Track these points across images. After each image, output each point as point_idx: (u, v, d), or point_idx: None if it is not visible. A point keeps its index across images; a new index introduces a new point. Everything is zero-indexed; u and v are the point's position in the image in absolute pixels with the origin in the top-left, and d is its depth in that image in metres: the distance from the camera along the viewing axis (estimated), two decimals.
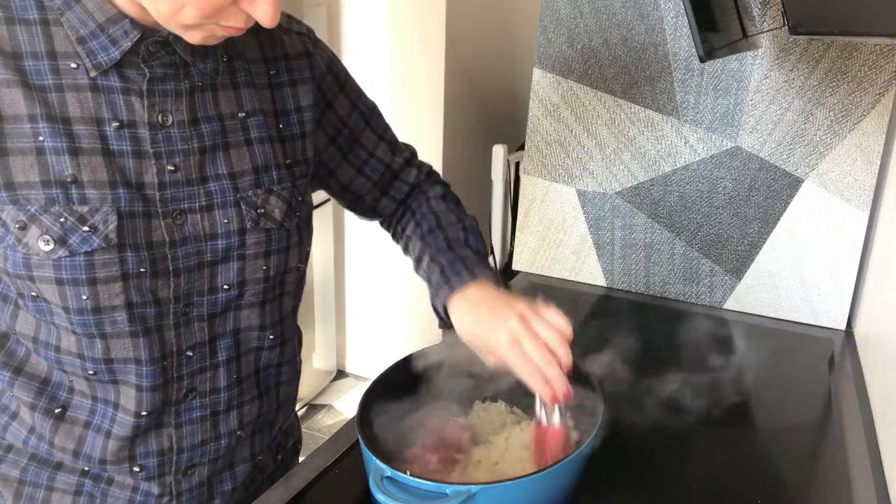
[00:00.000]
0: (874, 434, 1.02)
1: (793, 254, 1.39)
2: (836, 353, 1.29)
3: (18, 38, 0.66)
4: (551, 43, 1.53)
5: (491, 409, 0.95)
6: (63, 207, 0.68)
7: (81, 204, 0.68)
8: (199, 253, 0.75)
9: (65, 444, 0.78)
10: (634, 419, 1.06)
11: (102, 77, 0.69)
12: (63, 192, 0.68)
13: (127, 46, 0.68)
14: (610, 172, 1.52)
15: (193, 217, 0.75)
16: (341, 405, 2.77)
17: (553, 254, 1.60)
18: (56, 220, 0.68)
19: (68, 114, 0.68)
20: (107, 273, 0.70)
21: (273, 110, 0.82)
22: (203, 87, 0.75)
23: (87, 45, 0.68)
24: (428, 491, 0.68)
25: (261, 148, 0.80)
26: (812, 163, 1.34)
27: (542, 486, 0.72)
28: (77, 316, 0.71)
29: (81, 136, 0.68)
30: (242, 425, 0.85)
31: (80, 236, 0.68)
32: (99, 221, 0.69)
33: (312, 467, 0.91)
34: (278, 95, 0.83)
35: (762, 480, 0.92)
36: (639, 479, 0.92)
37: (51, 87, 0.67)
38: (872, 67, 1.28)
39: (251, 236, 0.79)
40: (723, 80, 1.39)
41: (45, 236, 0.67)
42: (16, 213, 0.67)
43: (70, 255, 0.68)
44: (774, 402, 1.15)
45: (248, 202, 0.78)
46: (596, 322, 1.46)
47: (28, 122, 0.66)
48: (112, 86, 0.70)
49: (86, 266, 0.69)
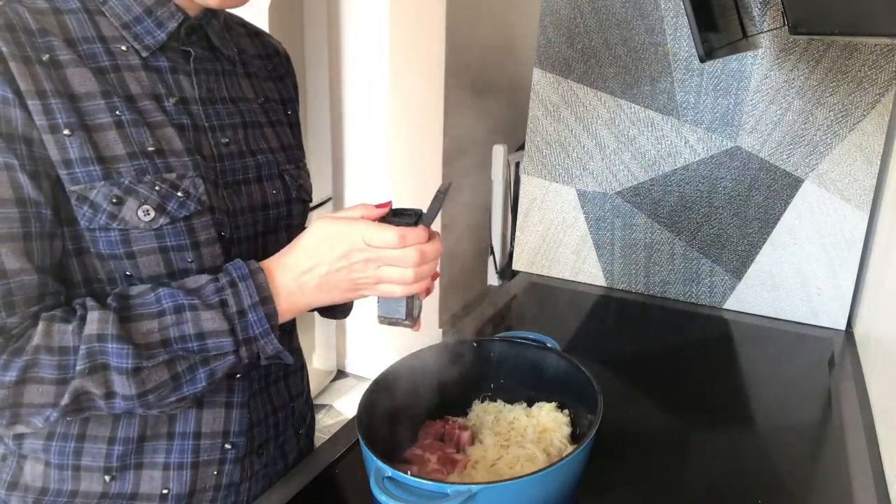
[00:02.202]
0: (874, 434, 1.02)
1: (793, 254, 1.39)
2: (836, 353, 1.29)
3: (68, 26, 0.68)
4: (551, 43, 1.53)
5: (490, 408, 0.95)
6: (154, 176, 0.69)
7: (168, 172, 0.70)
8: (255, 223, 0.79)
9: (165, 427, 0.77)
10: (634, 419, 1.06)
11: (152, 58, 0.72)
12: (150, 162, 0.69)
13: (173, 28, 0.72)
14: (610, 172, 1.52)
15: (248, 188, 0.79)
16: (341, 405, 2.77)
17: (553, 254, 1.60)
18: (152, 189, 0.69)
19: (130, 91, 0.70)
20: (207, 235, 0.72)
21: (280, 98, 0.90)
22: (230, 72, 0.81)
23: (132, 30, 0.71)
24: (429, 491, 0.68)
25: (281, 129, 0.87)
26: (812, 163, 1.34)
27: (542, 485, 0.72)
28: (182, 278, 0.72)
29: (149, 111, 0.71)
30: (292, 396, 0.89)
31: (176, 202, 0.70)
32: (189, 186, 0.71)
33: (312, 467, 0.91)
34: (280, 86, 0.91)
35: (762, 480, 0.92)
36: (639, 479, 0.92)
37: (108, 69, 0.69)
38: (872, 67, 1.28)
39: (295, 207, 0.84)
40: (723, 80, 1.39)
41: (144, 206, 0.68)
42: (109, 188, 0.67)
43: (171, 221, 0.70)
44: (774, 402, 1.15)
45: (290, 174, 0.84)
46: (596, 322, 1.46)
47: (102, 98, 0.68)
48: (162, 66, 0.73)
49: (188, 231, 0.71)
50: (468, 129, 3.10)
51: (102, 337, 0.64)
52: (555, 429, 0.89)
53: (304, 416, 0.95)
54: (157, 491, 0.76)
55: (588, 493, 0.84)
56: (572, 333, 1.36)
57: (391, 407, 0.86)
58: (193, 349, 0.68)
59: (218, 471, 0.79)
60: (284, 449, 0.89)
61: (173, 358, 0.67)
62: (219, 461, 0.79)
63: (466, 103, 3.09)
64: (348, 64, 2.58)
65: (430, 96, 2.76)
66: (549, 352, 0.94)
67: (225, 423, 0.79)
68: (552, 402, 0.93)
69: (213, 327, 0.68)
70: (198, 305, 0.68)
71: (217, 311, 0.68)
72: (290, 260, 0.71)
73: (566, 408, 0.92)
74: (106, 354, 0.65)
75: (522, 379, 0.95)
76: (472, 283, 3.18)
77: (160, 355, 0.66)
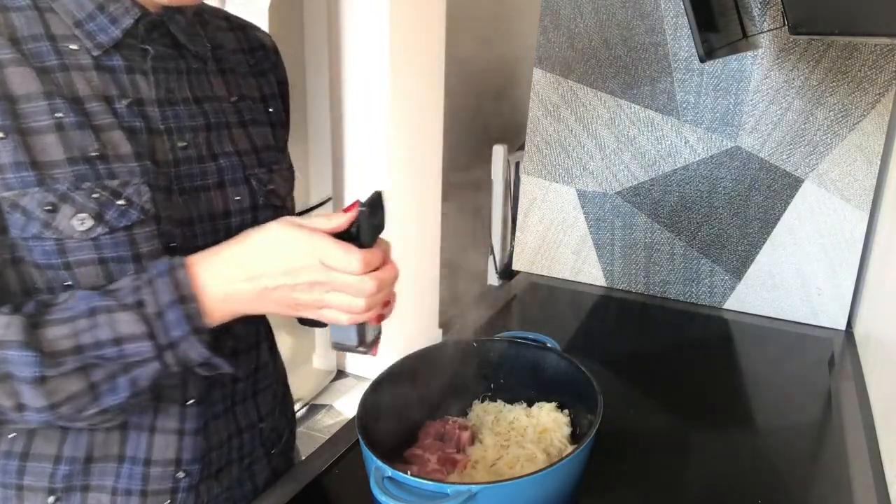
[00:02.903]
0: (874, 434, 1.02)
1: (793, 254, 1.39)
2: (836, 353, 1.29)
3: (15, 24, 0.65)
4: (551, 43, 1.53)
5: (490, 408, 0.95)
6: (94, 183, 0.65)
7: (110, 178, 0.66)
8: (215, 231, 0.74)
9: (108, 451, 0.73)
10: (634, 419, 1.06)
11: (105, 57, 0.68)
12: (90, 167, 0.65)
13: (129, 24, 0.68)
14: (610, 172, 1.52)
15: (208, 195, 0.74)
16: (341, 405, 2.77)
17: (553, 254, 1.60)
18: (89, 197, 0.65)
19: (78, 93, 0.66)
20: (150, 247, 0.68)
21: (260, 96, 0.84)
22: (198, 70, 0.76)
23: (84, 28, 0.67)
24: (429, 491, 0.68)
25: (255, 129, 0.81)
26: (812, 163, 1.34)
27: (542, 485, 0.72)
28: None
29: (96, 114, 0.67)
30: (261, 415, 0.84)
31: (116, 210, 0.66)
32: (132, 194, 0.67)
33: (312, 467, 0.91)
34: (262, 81, 0.85)
35: (762, 480, 0.92)
36: (639, 478, 0.92)
37: (55, 68, 0.66)
38: (872, 67, 1.28)
39: (262, 213, 0.78)
40: (723, 80, 1.39)
41: (80, 215, 0.64)
42: (43, 195, 0.63)
43: (110, 231, 0.65)
44: (774, 402, 1.15)
45: (258, 178, 0.79)
46: (596, 322, 1.46)
47: (44, 99, 0.64)
48: (116, 65, 0.69)
49: (129, 241, 0.66)
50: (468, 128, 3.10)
51: (4, 344, 0.59)
52: (555, 429, 0.89)
53: (280, 433, 0.89)
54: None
55: (588, 493, 0.84)
56: (572, 333, 1.36)
57: (391, 407, 0.85)
58: (111, 356, 0.62)
59: (171, 499, 0.75)
60: (252, 470, 0.84)
61: (87, 366, 0.61)
62: (170, 490, 0.74)
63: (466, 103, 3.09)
64: (348, 64, 2.58)
65: (430, 96, 2.76)
66: (549, 352, 0.94)
67: (177, 451, 0.74)
68: (552, 402, 0.93)
69: (129, 330, 0.61)
70: (113, 307, 0.62)
71: (132, 311, 0.62)
72: (230, 257, 0.65)
73: (566, 408, 0.92)
74: (7, 363, 0.59)
75: (522, 379, 0.95)
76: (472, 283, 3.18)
77: (69, 363, 0.61)
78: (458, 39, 2.89)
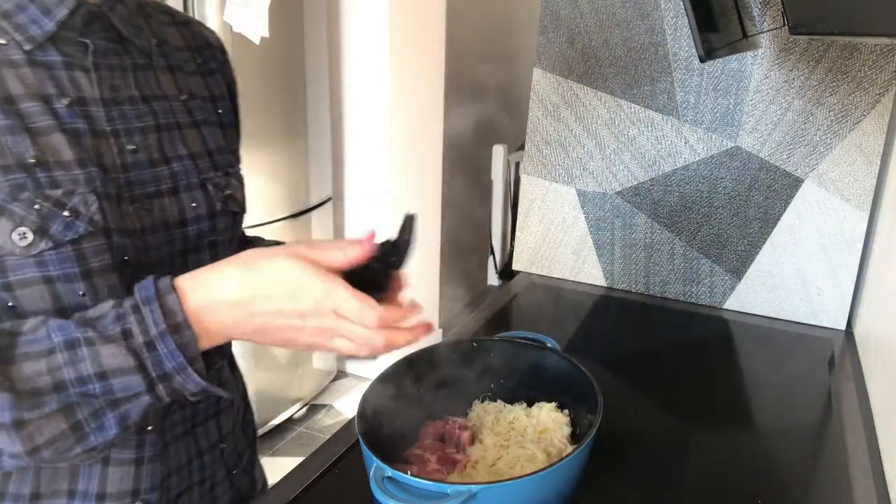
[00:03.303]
0: (874, 434, 1.02)
1: (793, 254, 1.39)
2: (836, 353, 1.29)
3: None
4: (551, 43, 1.53)
5: (490, 408, 0.95)
6: (34, 193, 0.58)
7: (53, 188, 0.59)
8: (171, 241, 0.69)
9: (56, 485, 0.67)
10: (634, 419, 1.06)
11: (39, 52, 0.61)
12: (29, 176, 0.58)
13: (63, 15, 0.62)
14: (610, 172, 1.52)
15: (161, 202, 0.68)
16: (341, 405, 2.77)
17: (553, 254, 1.60)
18: (30, 208, 0.58)
19: (10, 91, 0.59)
20: (100, 262, 0.61)
21: (209, 95, 0.78)
22: (144, 66, 0.70)
23: (13, 20, 0.61)
24: (429, 491, 0.68)
25: (208, 130, 0.75)
26: (812, 163, 1.34)
27: (542, 485, 0.72)
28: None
29: (32, 115, 0.60)
30: (222, 435, 0.80)
31: (62, 222, 0.59)
32: (79, 204, 0.60)
33: (312, 467, 0.91)
34: (211, 81, 0.79)
35: (762, 480, 0.92)
36: (638, 478, 0.92)
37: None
38: (872, 67, 1.28)
39: (221, 221, 0.73)
40: (723, 80, 1.39)
41: (20, 228, 0.57)
42: None
43: (54, 246, 0.59)
44: (774, 402, 1.15)
45: (214, 183, 0.73)
46: (596, 322, 1.46)
47: None
48: (52, 61, 0.62)
49: (76, 257, 0.60)
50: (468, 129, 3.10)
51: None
52: (555, 429, 0.89)
53: (241, 452, 0.85)
54: None
55: (588, 493, 0.84)
56: (572, 333, 1.36)
57: (391, 407, 0.85)
58: (96, 391, 0.55)
59: None
60: (214, 493, 0.79)
61: (70, 404, 0.55)
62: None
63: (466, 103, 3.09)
64: (348, 64, 2.58)
65: (430, 96, 2.76)
66: (549, 352, 0.94)
67: (134, 481, 0.68)
68: (552, 402, 0.93)
69: (115, 364, 0.55)
70: (94, 339, 0.55)
71: (118, 344, 0.55)
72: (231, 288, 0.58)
73: (566, 408, 0.92)
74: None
75: (522, 379, 0.95)
76: (472, 283, 3.17)
77: (50, 403, 0.54)
78: (458, 39, 2.89)
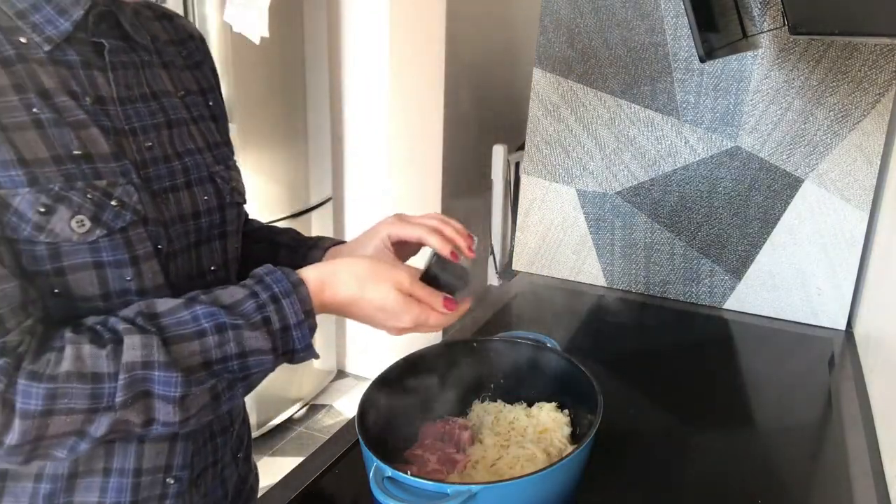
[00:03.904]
0: (874, 434, 1.02)
1: (793, 254, 1.39)
2: (836, 353, 1.29)
3: None
4: (551, 43, 1.53)
5: (490, 408, 0.95)
6: (84, 183, 0.61)
7: (98, 179, 0.62)
8: (187, 234, 0.71)
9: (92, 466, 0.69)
10: (634, 419, 1.06)
11: (58, 52, 0.62)
12: (77, 167, 0.61)
13: (79, 16, 0.63)
14: (610, 172, 1.52)
15: (177, 195, 0.70)
16: (341, 405, 2.77)
17: (553, 254, 1.60)
18: (84, 197, 0.61)
19: (44, 85, 0.61)
20: (145, 249, 0.65)
21: (199, 89, 0.80)
22: (149, 64, 0.72)
23: (29, 19, 0.61)
24: (429, 491, 0.68)
25: (204, 126, 0.78)
26: (812, 163, 1.34)
27: (542, 485, 0.72)
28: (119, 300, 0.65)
29: (68, 109, 0.62)
30: (233, 419, 0.82)
31: (112, 212, 0.62)
32: (122, 194, 0.63)
33: (312, 467, 0.91)
34: (199, 74, 0.80)
35: (762, 480, 0.92)
36: (638, 478, 0.92)
37: (13, 59, 0.60)
38: (872, 67, 1.28)
39: (229, 212, 0.77)
40: (723, 80, 1.39)
41: (78, 216, 0.60)
42: (35, 195, 0.58)
43: (108, 233, 0.62)
44: (774, 402, 1.15)
45: (221, 176, 0.76)
46: (596, 322, 1.46)
47: (14, 93, 0.59)
48: (71, 60, 0.63)
49: (125, 244, 0.63)
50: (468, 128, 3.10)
51: (148, 364, 0.59)
52: (555, 429, 0.89)
53: (242, 438, 0.87)
54: None
55: (588, 493, 0.84)
56: (572, 333, 1.36)
57: (391, 407, 0.86)
58: (233, 368, 0.63)
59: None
60: (223, 475, 0.82)
61: (217, 380, 0.63)
62: (159, 497, 0.72)
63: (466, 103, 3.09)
64: (348, 64, 2.58)
65: (430, 96, 2.76)
66: (549, 352, 0.94)
67: (168, 456, 0.72)
68: (552, 402, 0.93)
69: (256, 346, 0.63)
70: (241, 325, 0.63)
71: (261, 330, 0.63)
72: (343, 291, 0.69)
73: (566, 408, 0.92)
74: (151, 382, 0.59)
75: (522, 379, 0.95)
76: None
77: (206, 380, 0.62)
78: (458, 39, 2.89)
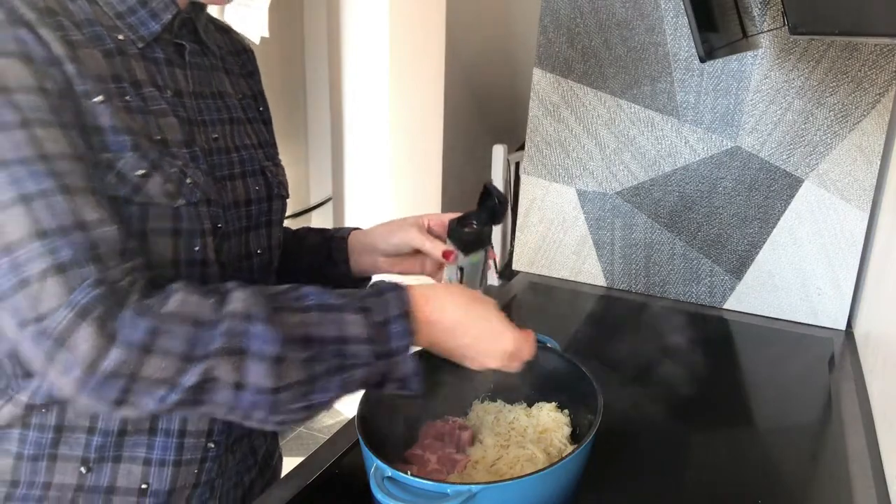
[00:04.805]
0: (874, 434, 1.02)
1: (793, 254, 1.39)
2: (836, 353, 1.29)
3: (70, 8, 0.67)
4: (551, 43, 1.53)
5: (490, 408, 0.95)
6: (168, 161, 0.69)
7: (175, 159, 0.70)
8: (240, 218, 0.79)
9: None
10: (634, 419, 1.06)
11: (148, 49, 0.72)
12: (159, 149, 0.69)
13: (168, 19, 0.72)
14: (610, 172, 1.52)
15: (234, 183, 0.79)
16: (341, 405, 2.77)
17: (553, 254, 1.60)
18: (171, 168, 0.69)
19: (137, 76, 0.69)
20: (209, 225, 0.72)
21: (252, 95, 0.90)
22: (216, 67, 0.82)
23: (126, 20, 0.70)
24: (429, 491, 0.68)
25: (257, 126, 0.88)
26: (812, 163, 1.34)
27: (542, 485, 0.72)
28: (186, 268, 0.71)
29: (153, 99, 0.70)
30: None
31: (188, 188, 0.70)
32: (193, 175, 0.71)
33: (312, 467, 0.91)
34: (251, 82, 0.91)
35: (762, 480, 0.92)
36: (639, 478, 0.92)
37: (114, 52, 0.68)
38: (872, 67, 1.28)
39: (275, 203, 0.85)
40: (723, 80, 1.39)
41: (167, 185, 0.68)
42: (137, 160, 0.66)
43: (187, 203, 0.70)
44: (774, 402, 1.15)
45: (270, 171, 0.85)
46: (596, 322, 1.46)
47: (112, 81, 0.67)
48: (158, 57, 0.73)
49: (198, 216, 0.71)
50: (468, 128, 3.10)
51: (249, 317, 0.60)
52: (555, 429, 0.89)
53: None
54: (136, 485, 0.75)
55: (588, 493, 0.84)
56: (572, 333, 1.36)
57: (391, 407, 0.85)
58: (331, 353, 0.64)
59: (199, 469, 0.78)
60: (254, 445, 0.89)
61: (311, 357, 0.62)
62: (200, 459, 0.78)
63: (466, 103, 3.09)
64: (348, 64, 2.58)
65: (430, 96, 2.76)
66: (549, 352, 0.94)
67: (210, 421, 0.78)
68: (552, 402, 0.93)
69: (355, 332, 0.64)
70: (345, 306, 0.64)
71: (361, 316, 0.65)
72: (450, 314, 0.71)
73: (566, 408, 0.92)
74: (248, 336, 0.59)
75: (522, 379, 0.95)
76: None
77: (304, 350, 0.62)
78: (458, 39, 2.89)
